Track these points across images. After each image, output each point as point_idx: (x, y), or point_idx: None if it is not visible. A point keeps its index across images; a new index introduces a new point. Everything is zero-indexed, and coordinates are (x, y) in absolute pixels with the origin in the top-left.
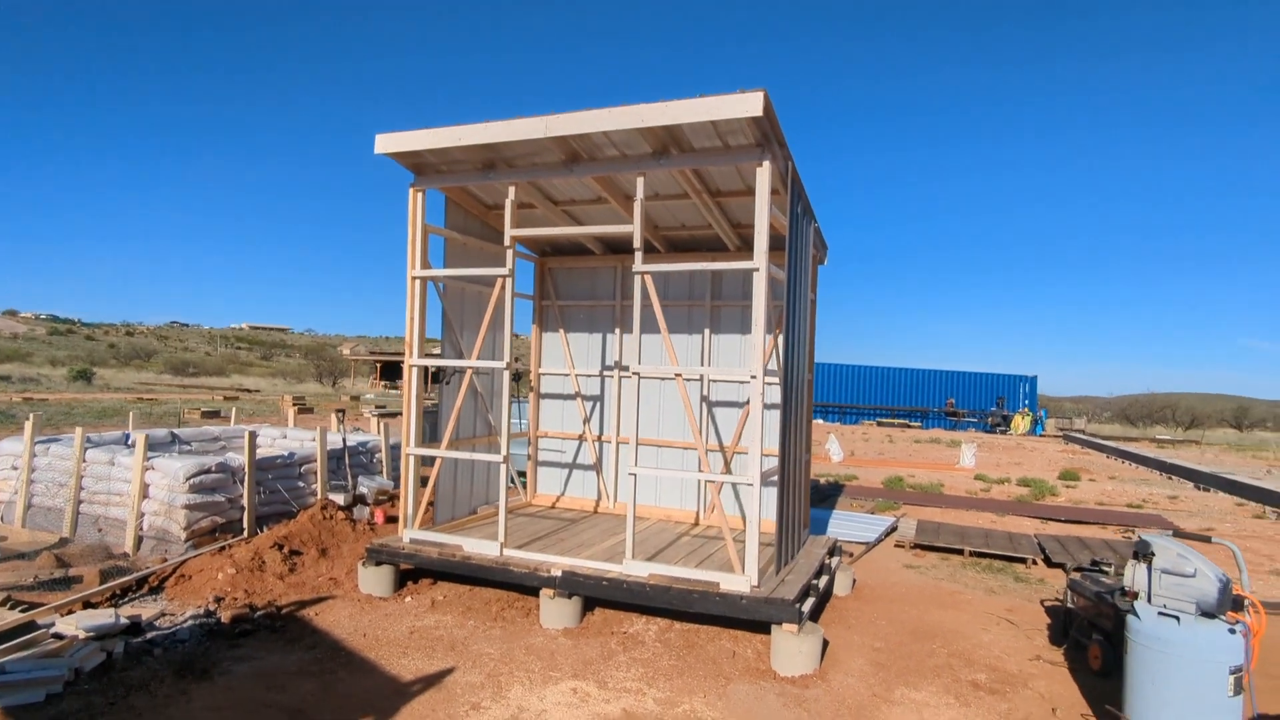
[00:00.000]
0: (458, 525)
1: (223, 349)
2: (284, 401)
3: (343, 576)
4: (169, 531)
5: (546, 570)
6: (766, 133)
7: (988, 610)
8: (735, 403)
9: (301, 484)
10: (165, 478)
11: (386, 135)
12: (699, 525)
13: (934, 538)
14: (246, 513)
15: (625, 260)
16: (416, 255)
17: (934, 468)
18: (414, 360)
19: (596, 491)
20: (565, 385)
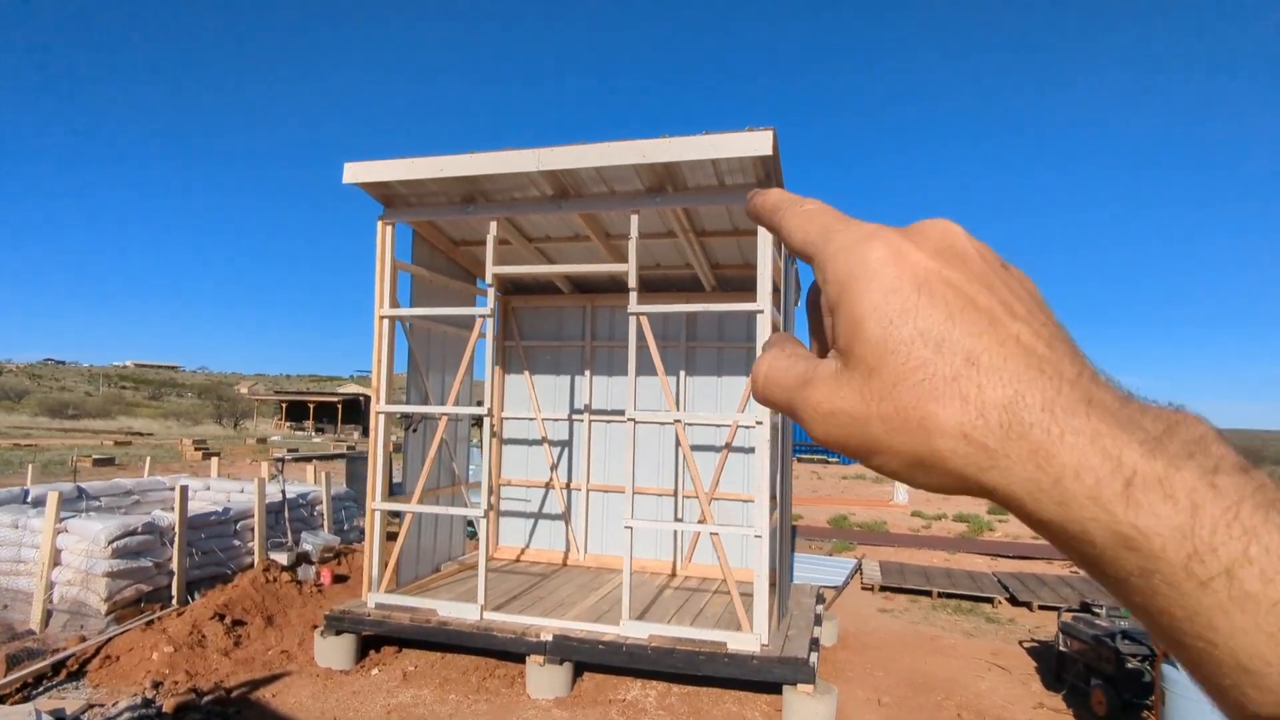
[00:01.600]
0: (423, 585)
1: (105, 388)
2: (184, 445)
3: (295, 648)
4: (85, 604)
5: (535, 634)
6: (770, 172)
7: (973, 655)
8: (713, 447)
9: (237, 542)
10: (82, 541)
11: (356, 164)
12: (676, 576)
13: (900, 580)
14: (176, 578)
15: (595, 299)
16: (385, 293)
17: (870, 505)
18: (383, 407)
19: (565, 543)
20: (530, 430)
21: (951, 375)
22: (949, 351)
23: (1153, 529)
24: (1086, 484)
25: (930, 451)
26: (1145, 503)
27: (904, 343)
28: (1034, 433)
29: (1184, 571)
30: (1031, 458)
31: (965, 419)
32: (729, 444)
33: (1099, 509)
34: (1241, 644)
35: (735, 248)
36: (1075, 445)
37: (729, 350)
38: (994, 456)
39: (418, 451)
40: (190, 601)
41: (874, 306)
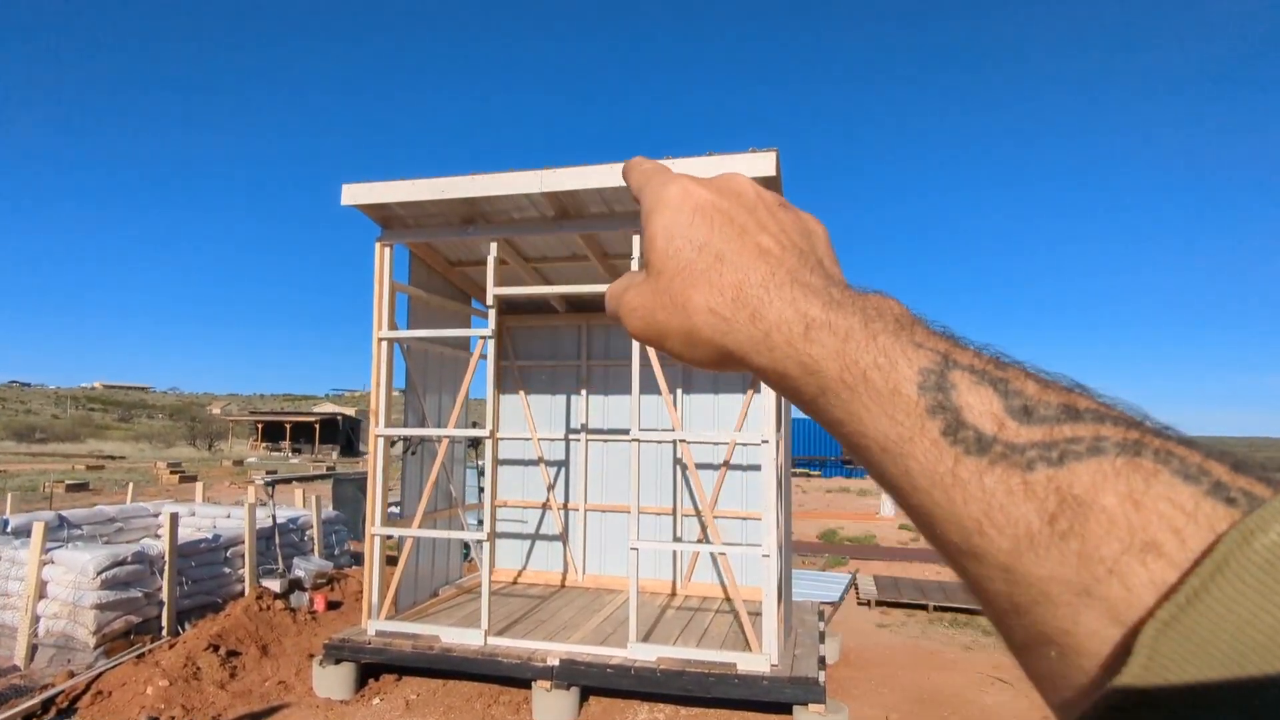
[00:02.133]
0: (422, 611)
1: (74, 411)
2: (159, 469)
3: (292, 678)
4: (73, 637)
5: (541, 659)
6: (775, 193)
7: (975, 669)
8: (711, 464)
9: (227, 570)
10: (70, 573)
11: (355, 186)
12: (677, 596)
13: (896, 594)
14: (167, 609)
15: (590, 318)
16: (384, 315)
17: (858, 518)
18: (382, 430)
19: (563, 564)
20: (526, 450)
21: (705, 269)
22: (706, 253)
23: (820, 355)
24: (784, 333)
25: (692, 326)
26: (817, 338)
27: (678, 249)
28: (752, 302)
29: (839, 382)
30: (750, 320)
31: (710, 298)
32: (727, 461)
33: (790, 348)
34: (875, 425)
35: None
36: (778, 307)
37: None
38: (729, 323)
39: (416, 474)
40: (181, 632)
41: (663, 226)
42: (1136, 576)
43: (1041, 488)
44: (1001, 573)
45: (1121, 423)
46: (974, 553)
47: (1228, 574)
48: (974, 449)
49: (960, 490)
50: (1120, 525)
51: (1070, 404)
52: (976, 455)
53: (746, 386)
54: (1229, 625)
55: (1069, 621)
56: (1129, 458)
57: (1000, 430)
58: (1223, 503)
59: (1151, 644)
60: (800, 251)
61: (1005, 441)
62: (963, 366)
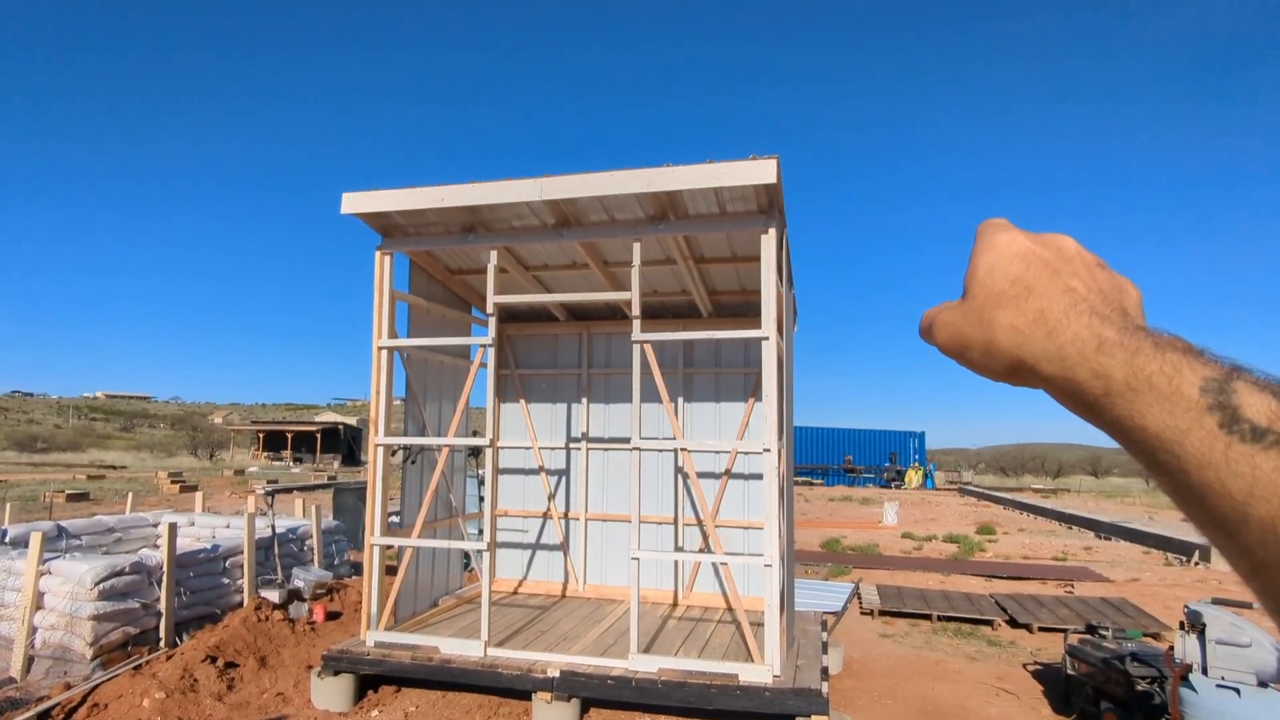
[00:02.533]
0: (421, 621)
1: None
2: (160, 478)
3: (290, 689)
4: (70, 649)
5: (541, 670)
6: (773, 199)
7: (979, 680)
8: (712, 473)
9: (226, 580)
10: (66, 583)
11: (355, 195)
12: (679, 606)
13: (899, 604)
14: (165, 619)
15: (590, 327)
16: (384, 324)
17: (861, 527)
18: (381, 439)
19: (564, 574)
20: (527, 459)
21: (1014, 296)
22: (1018, 285)
23: (1109, 364)
24: (1077, 346)
25: (993, 339)
26: (1108, 352)
27: (994, 280)
28: (1050, 322)
29: (1125, 385)
30: (1047, 336)
31: (1014, 317)
32: (728, 470)
33: (1082, 359)
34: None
35: (734, 274)
36: (1074, 329)
37: (726, 375)
38: (1026, 336)
39: (416, 484)
40: (179, 643)
41: (985, 261)
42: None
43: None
44: (1267, 534)
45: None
46: (1243, 520)
47: None
48: (1248, 437)
49: (1231, 469)
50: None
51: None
52: (1250, 443)
53: (748, 395)
54: None
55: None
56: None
57: (1273, 424)
58: None
59: None
60: (1104, 296)
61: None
62: (1246, 379)
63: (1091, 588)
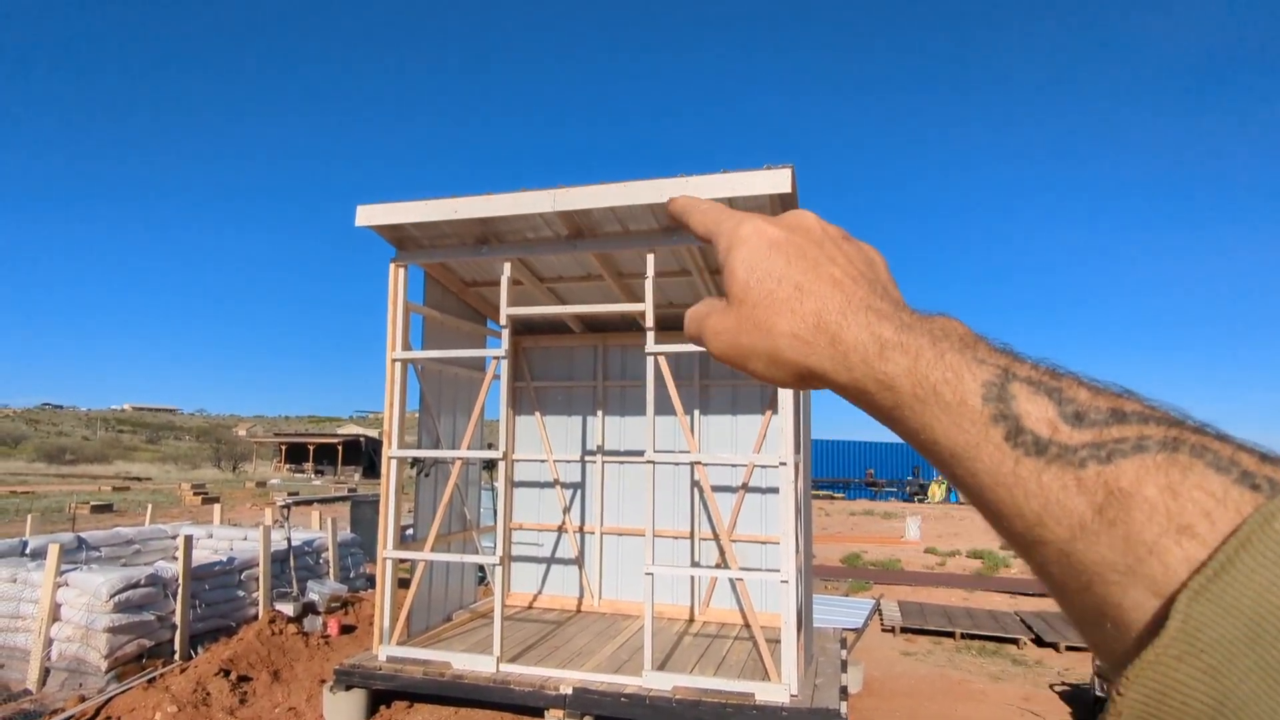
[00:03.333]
0: (435, 636)
1: (103, 433)
2: (183, 490)
3: (303, 704)
4: (85, 660)
5: (554, 687)
6: (789, 209)
7: (1005, 701)
8: (729, 487)
9: (241, 593)
10: (83, 595)
11: (369, 207)
12: (695, 622)
13: (921, 621)
14: (179, 632)
15: (606, 339)
16: (398, 336)
17: (883, 542)
18: (395, 451)
19: (579, 588)
20: (541, 472)
21: (785, 298)
22: (785, 283)
23: (894, 372)
24: (860, 353)
25: (775, 348)
26: (890, 357)
27: (759, 280)
28: (830, 327)
29: (913, 396)
30: (830, 343)
31: (792, 324)
32: (745, 484)
33: (867, 367)
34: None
35: None
36: (854, 331)
37: (743, 388)
38: (810, 345)
39: (429, 496)
40: (193, 656)
41: (742, 260)
42: (1173, 555)
43: (1092, 483)
44: (1061, 558)
45: (1163, 422)
46: (1037, 542)
47: (1250, 549)
48: (1032, 451)
49: (1021, 488)
50: (1159, 512)
51: (1118, 408)
52: (1035, 456)
53: (764, 407)
54: (1250, 592)
55: (1118, 597)
56: (1168, 454)
57: (1055, 434)
58: (1249, 489)
59: (1185, 609)
60: (868, 280)
61: (1059, 443)
62: (1021, 378)
63: None
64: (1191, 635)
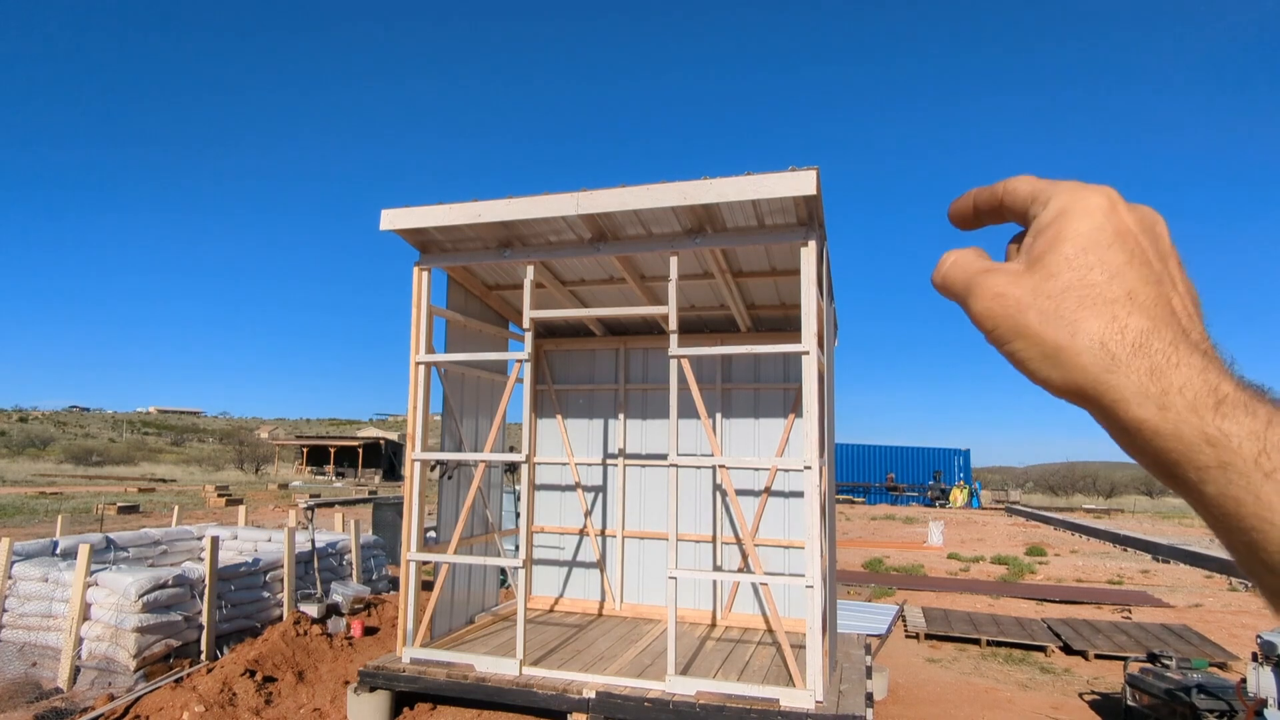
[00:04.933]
0: (457, 638)
1: (129, 435)
2: (207, 492)
3: (327, 705)
4: (114, 660)
5: (577, 691)
6: (812, 211)
7: (1034, 709)
8: (751, 491)
9: (266, 594)
10: (112, 595)
11: (393, 211)
12: (717, 626)
13: (946, 627)
14: (206, 632)
15: (627, 342)
16: (421, 339)
17: (905, 547)
18: (418, 454)
19: (600, 592)
20: (564, 475)
21: (1111, 299)
22: (1118, 284)
23: (1234, 431)
24: (1187, 397)
25: (1070, 346)
26: (1231, 415)
27: (1086, 265)
28: (1156, 357)
29: (1253, 464)
30: (1149, 372)
31: (1107, 331)
32: (768, 488)
33: (1193, 415)
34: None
35: (772, 288)
36: (1186, 372)
37: (765, 391)
38: (1119, 363)
39: (452, 499)
40: (219, 656)
41: (1078, 232)
42: None
43: None
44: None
45: None
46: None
47: None
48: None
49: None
50: None
51: None
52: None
53: (787, 411)
54: None
55: None
56: None
57: None
58: None
59: None
60: (1200, 319)
61: None
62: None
63: (1150, 613)
64: None
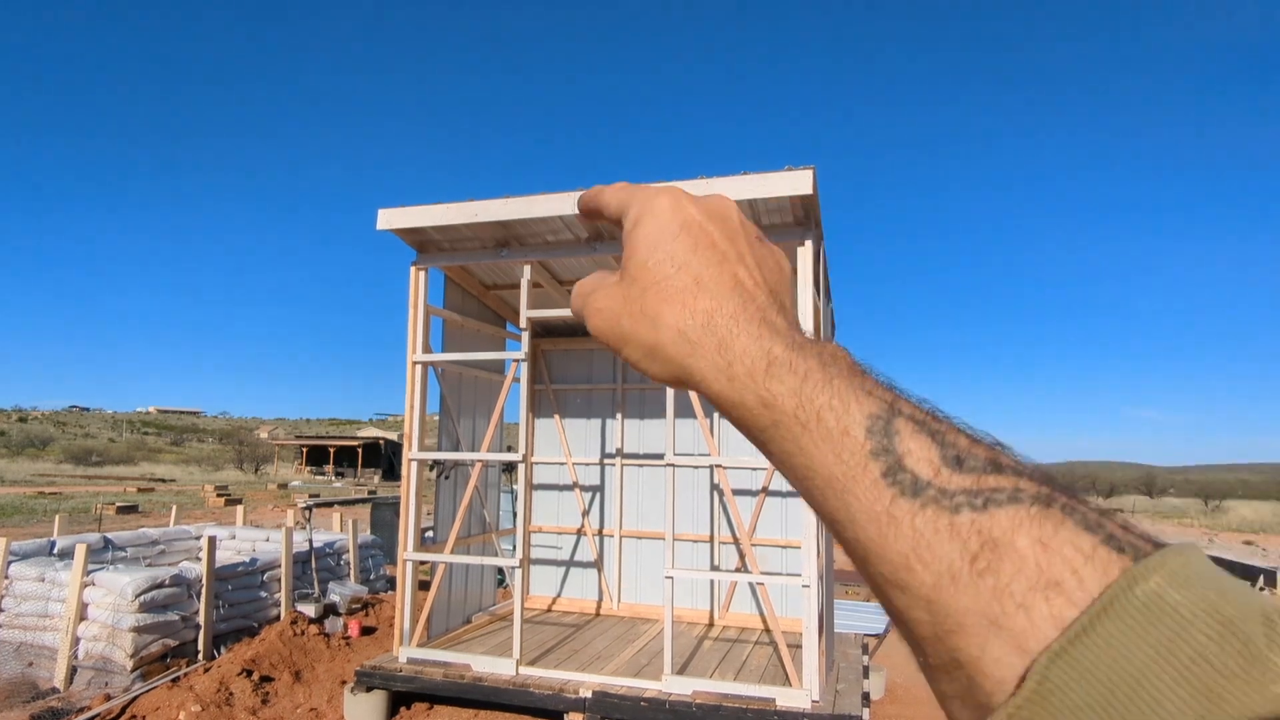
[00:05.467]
0: (454, 638)
1: (129, 435)
2: (206, 492)
3: (324, 705)
4: (111, 660)
5: (574, 691)
6: (809, 210)
7: None
8: (749, 491)
9: (264, 594)
10: (109, 595)
11: (390, 210)
12: (714, 626)
13: None
14: (203, 632)
15: None
16: (418, 339)
17: None
18: (415, 454)
19: (598, 591)
20: (561, 475)
21: (681, 288)
22: (685, 272)
23: (779, 391)
24: (746, 365)
25: (658, 341)
26: (777, 375)
27: (658, 262)
28: (720, 331)
29: (793, 418)
30: (717, 348)
31: (681, 319)
32: (765, 488)
33: (751, 380)
34: (822, 461)
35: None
36: (744, 342)
37: None
38: (695, 346)
39: (449, 499)
40: (216, 656)
41: (646, 235)
42: (1039, 611)
43: (965, 529)
44: (924, 604)
45: (1036, 477)
46: (900, 585)
47: (1112, 614)
48: (909, 491)
49: (893, 528)
50: (1030, 565)
51: (994, 458)
52: (910, 497)
53: None
54: (1108, 658)
55: (978, 649)
56: (1042, 507)
57: (935, 476)
58: (1115, 551)
59: (1043, 671)
60: (770, 290)
61: (938, 486)
62: (906, 415)
63: None
64: (1045, 697)
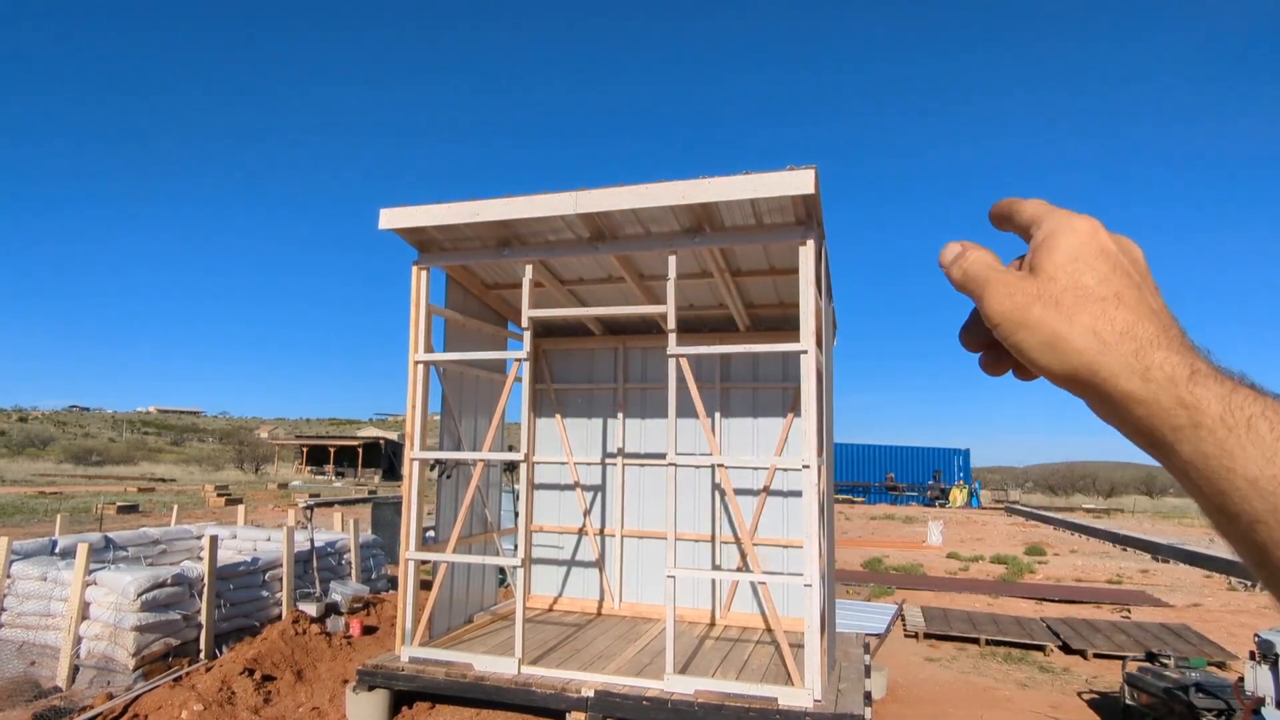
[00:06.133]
0: (456, 638)
1: (129, 435)
2: (207, 492)
3: (325, 704)
4: (113, 659)
5: (576, 690)
6: (810, 210)
7: (1032, 709)
8: (750, 490)
9: (265, 593)
10: (111, 594)
11: (392, 210)
12: (716, 626)
13: (945, 626)
14: (205, 631)
15: (626, 341)
16: (420, 338)
17: (905, 546)
18: (417, 453)
19: (599, 591)
20: (562, 474)
21: (1101, 298)
22: (1106, 286)
23: (1203, 395)
24: (1166, 371)
25: (1068, 334)
26: (1202, 383)
27: (1080, 270)
28: (1140, 341)
29: (1219, 420)
30: (1134, 353)
31: (1097, 322)
32: (767, 487)
33: (1171, 384)
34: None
35: (770, 287)
36: (1164, 353)
37: (764, 391)
38: (1108, 347)
39: (451, 498)
40: (218, 655)
41: (1069, 244)
42: None
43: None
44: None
45: None
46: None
47: None
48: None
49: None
50: None
51: None
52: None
53: (786, 410)
54: None
55: None
56: None
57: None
58: None
59: None
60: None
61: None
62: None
63: (1149, 613)
64: None
